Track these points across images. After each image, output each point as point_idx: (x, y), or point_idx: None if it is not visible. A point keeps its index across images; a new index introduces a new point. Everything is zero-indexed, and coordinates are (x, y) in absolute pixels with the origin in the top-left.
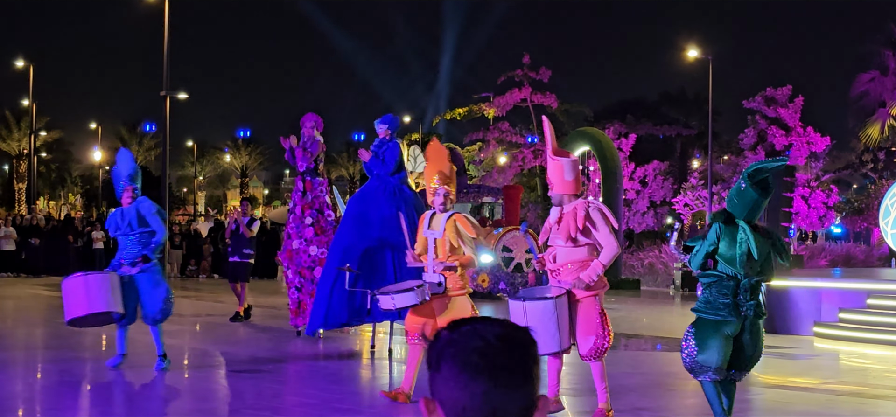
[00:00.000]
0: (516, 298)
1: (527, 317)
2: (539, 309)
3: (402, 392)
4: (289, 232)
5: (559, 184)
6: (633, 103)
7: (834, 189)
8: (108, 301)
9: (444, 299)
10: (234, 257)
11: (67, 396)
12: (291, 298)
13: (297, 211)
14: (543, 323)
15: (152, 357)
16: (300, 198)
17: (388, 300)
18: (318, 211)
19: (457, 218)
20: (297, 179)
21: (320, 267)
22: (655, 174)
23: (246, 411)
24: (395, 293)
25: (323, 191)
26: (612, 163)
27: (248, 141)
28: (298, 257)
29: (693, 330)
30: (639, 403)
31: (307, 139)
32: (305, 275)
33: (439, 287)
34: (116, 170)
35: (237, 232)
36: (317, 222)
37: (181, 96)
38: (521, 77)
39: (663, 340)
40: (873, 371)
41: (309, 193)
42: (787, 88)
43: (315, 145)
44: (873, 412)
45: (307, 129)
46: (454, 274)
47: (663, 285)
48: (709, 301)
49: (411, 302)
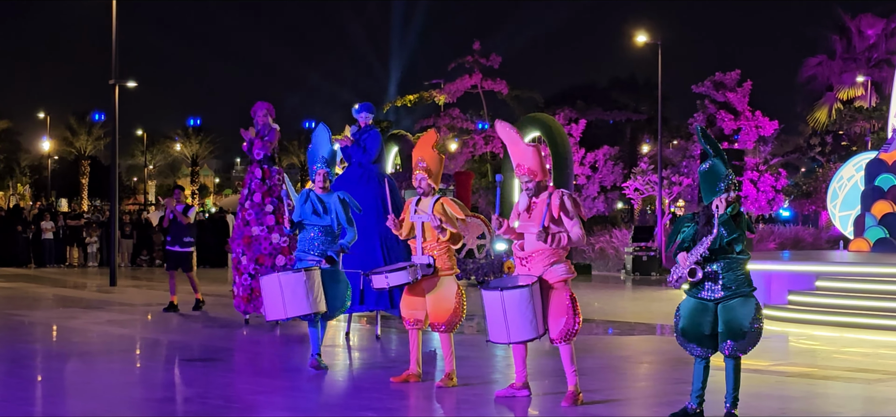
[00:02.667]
0: (491, 289)
1: (505, 307)
2: (516, 298)
3: (412, 373)
4: (246, 219)
5: (540, 172)
6: (583, 89)
7: (782, 172)
8: (306, 303)
9: (434, 279)
10: (173, 246)
11: (16, 388)
12: (242, 285)
13: (257, 198)
14: (521, 310)
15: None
16: (259, 185)
17: (381, 279)
18: (279, 198)
19: (444, 201)
20: (254, 167)
21: (282, 254)
22: (606, 159)
23: (198, 400)
24: (388, 272)
25: (279, 180)
26: (563, 148)
27: (199, 129)
28: (258, 244)
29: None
30: (591, 385)
31: (263, 127)
32: (264, 262)
33: (429, 268)
34: (312, 148)
35: (174, 220)
36: (277, 209)
37: (130, 85)
38: (471, 63)
39: (615, 324)
40: (822, 353)
41: (267, 181)
42: (735, 73)
43: (272, 133)
44: (822, 392)
45: (261, 117)
46: (443, 255)
47: (614, 270)
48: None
49: (404, 281)
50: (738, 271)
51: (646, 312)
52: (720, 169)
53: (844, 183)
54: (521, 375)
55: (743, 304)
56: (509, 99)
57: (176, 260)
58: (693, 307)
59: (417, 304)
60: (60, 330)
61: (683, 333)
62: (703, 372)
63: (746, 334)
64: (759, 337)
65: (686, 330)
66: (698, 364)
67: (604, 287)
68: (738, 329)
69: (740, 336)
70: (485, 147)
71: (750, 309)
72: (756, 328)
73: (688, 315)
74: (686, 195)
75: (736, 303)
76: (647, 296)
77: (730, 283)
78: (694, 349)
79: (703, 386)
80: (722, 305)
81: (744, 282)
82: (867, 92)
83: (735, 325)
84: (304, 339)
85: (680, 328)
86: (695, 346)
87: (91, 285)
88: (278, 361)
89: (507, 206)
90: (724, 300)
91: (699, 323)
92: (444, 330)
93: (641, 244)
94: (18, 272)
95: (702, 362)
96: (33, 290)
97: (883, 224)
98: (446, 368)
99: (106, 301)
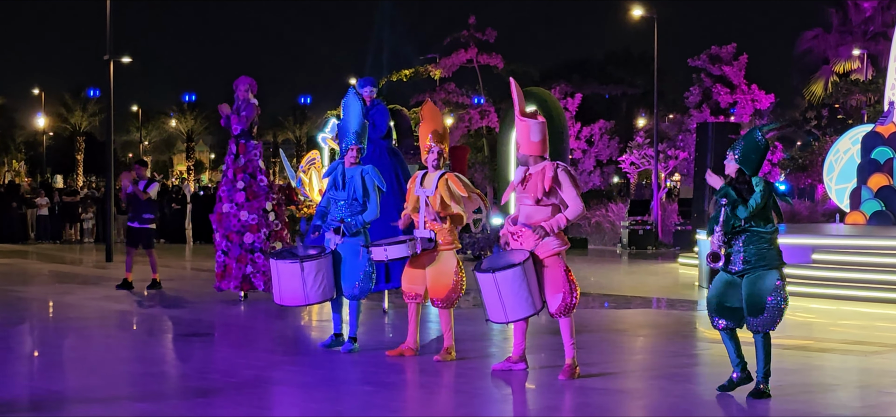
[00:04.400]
0: (484, 271)
1: (499, 288)
2: (509, 278)
3: (408, 348)
4: (220, 196)
5: (526, 145)
6: (579, 63)
7: (778, 146)
8: (301, 294)
9: (434, 253)
10: (133, 223)
11: (13, 363)
12: (217, 261)
13: (230, 175)
14: (515, 289)
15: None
16: (233, 161)
17: (380, 251)
18: (252, 175)
19: (448, 177)
20: (230, 142)
21: (250, 232)
22: (601, 133)
23: (196, 375)
24: (387, 245)
25: (257, 156)
26: (559, 122)
27: (194, 105)
28: (227, 221)
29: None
30: (588, 359)
31: (241, 102)
32: (233, 239)
33: (430, 242)
34: (343, 123)
35: (135, 196)
36: (249, 187)
37: (125, 60)
38: (466, 38)
39: (611, 298)
40: (818, 325)
41: (242, 157)
42: (731, 46)
43: (250, 109)
44: (819, 364)
45: (241, 92)
46: (444, 229)
47: (610, 244)
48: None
49: (402, 254)
50: (761, 244)
51: (642, 286)
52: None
53: (840, 156)
54: (518, 348)
55: (763, 278)
56: (505, 73)
57: (135, 237)
58: (721, 280)
59: (417, 278)
60: (57, 306)
61: (708, 304)
62: (733, 343)
63: (765, 309)
64: (780, 313)
65: (711, 300)
66: (725, 336)
67: (600, 261)
68: (757, 304)
69: (759, 311)
70: (480, 121)
71: (770, 283)
72: (774, 304)
73: (715, 286)
74: (682, 168)
75: (757, 277)
76: (644, 270)
77: (750, 257)
78: (715, 320)
79: (739, 355)
80: (746, 278)
81: (765, 255)
82: (863, 65)
83: (754, 300)
84: (307, 315)
85: (707, 297)
86: (716, 318)
87: (87, 261)
88: (277, 336)
89: (504, 183)
90: (745, 272)
91: (724, 295)
92: (442, 305)
93: (638, 218)
94: (14, 248)
95: (727, 334)
96: (29, 266)
97: (879, 196)
98: (445, 342)
99: (102, 276)
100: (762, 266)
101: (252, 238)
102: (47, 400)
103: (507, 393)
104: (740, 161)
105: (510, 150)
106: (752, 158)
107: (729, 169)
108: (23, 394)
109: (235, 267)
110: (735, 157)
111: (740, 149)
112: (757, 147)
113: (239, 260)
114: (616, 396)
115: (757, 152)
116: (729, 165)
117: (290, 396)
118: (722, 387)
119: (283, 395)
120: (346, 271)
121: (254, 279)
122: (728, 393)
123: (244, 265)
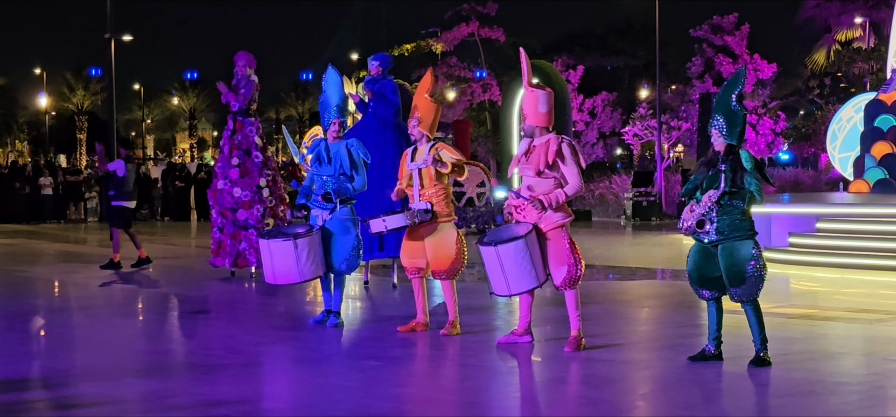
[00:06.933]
0: (486, 244)
1: (502, 261)
2: (512, 251)
3: (419, 323)
4: (215, 172)
5: (532, 116)
6: (580, 35)
7: (781, 115)
8: (315, 267)
9: (432, 226)
10: (117, 201)
11: (18, 343)
12: (213, 237)
13: (226, 151)
14: (517, 262)
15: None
16: (229, 138)
17: (379, 223)
18: (246, 152)
19: (440, 146)
20: (228, 118)
21: (243, 209)
22: (604, 105)
23: (201, 352)
24: (385, 216)
25: (252, 132)
26: (562, 95)
27: (196, 83)
28: (221, 197)
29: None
30: (593, 330)
31: (241, 78)
32: (227, 216)
33: (426, 213)
34: (324, 97)
35: (114, 175)
36: (243, 163)
37: (126, 38)
38: (468, 11)
39: (615, 269)
40: (823, 294)
41: (238, 134)
42: (733, 16)
43: (249, 86)
44: (824, 332)
45: (240, 68)
46: (440, 200)
47: (614, 216)
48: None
49: (401, 224)
50: (734, 215)
51: (646, 257)
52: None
53: (844, 124)
54: (524, 321)
55: (739, 248)
56: (507, 46)
57: (114, 215)
58: (697, 250)
59: (417, 251)
60: (62, 285)
61: (689, 276)
62: (716, 315)
63: (747, 279)
64: (760, 280)
65: (691, 273)
66: (710, 306)
67: (604, 232)
68: (737, 274)
69: (740, 281)
70: (483, 95)
71: (747, 252)
72: (754, 271)
73: (692, 257)
74: (685, 139)
75: (731, 247)
76: (648, 241)
77: (723, 227)
78: (699, 291)
79: (718, 328)
80: (720, 248)
81: (739, 226)
82: (865, 33)
83: (734, 271)
84: (305, 293)
85: (687, 271)
86: (699, 288)
87: (91, 240)
88: (283, 312)
89: (507, 156)
90: (719, 242)
91: (702, 266)
92: (445, 277)
93: (641, 189)
94: (19, 228)
95: (713, 304)
96: (34, 246)
97: (882, 165)
98: (449, 316)
99: (106, 255)
100: (736, 236)
101: (245, 214)
102: (54, 379)
103: (513, 366)
104: (727, 136)
105: (513, 123)
106: (736, 130)
107: (717, 146)
108: (30, 373)
109: (229, 243)
110: (722, 135)
111: (724, 125)
112: (736, 116)
113: (233, 236)
114: (621, 367)
115: (738, 121)
116: (717, 143)
117: (296, 372)
118: (693, 357)
119: (288, 371)
120: (335, 247)
121: (248, 255)
122: (728, 361)
123: (238, 242)
